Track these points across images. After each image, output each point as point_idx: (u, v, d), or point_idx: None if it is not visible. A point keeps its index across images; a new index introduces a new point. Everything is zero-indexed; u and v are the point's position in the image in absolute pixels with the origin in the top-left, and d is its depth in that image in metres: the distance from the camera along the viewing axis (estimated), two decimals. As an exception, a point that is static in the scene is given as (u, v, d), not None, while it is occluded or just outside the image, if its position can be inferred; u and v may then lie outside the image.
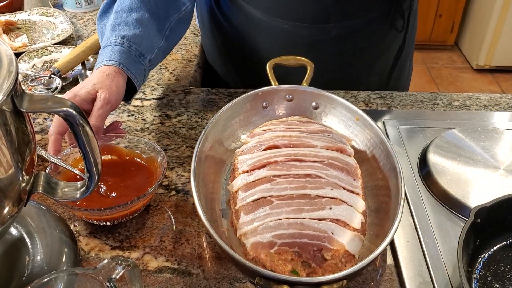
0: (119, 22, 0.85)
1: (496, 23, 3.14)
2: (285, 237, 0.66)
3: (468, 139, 0.86)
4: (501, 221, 0.69)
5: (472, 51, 3.45)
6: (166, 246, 0.71)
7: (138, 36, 0.84)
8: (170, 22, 0.92)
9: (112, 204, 0.71)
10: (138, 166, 0.79)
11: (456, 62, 3.55)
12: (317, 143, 0.80)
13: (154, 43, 0.88)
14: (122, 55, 0.81)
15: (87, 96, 0.77)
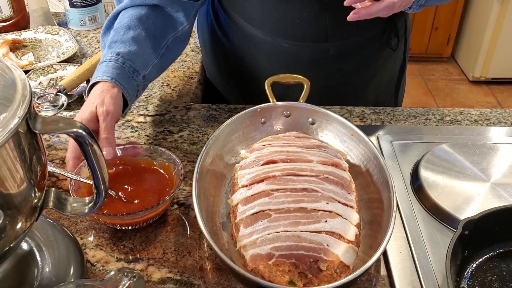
0: (116, 40, 0.89)
1: (491, 35, 3.19)
2: (282, 249, 0.69)
3: (458, 153, 0.90)
4: (488, 232, 0.72)
5: (468, 63, 3.50)
6: (169, 258, 0.74)
7: (132, 53, 0.88)
8: (167, 40, 0.95)
9: (136, 209, 0.75)
10: (154, 172, 0.84)
11: (453, 74, 3.59)
12: (313, 158, 0.84)
13: (149, 60, 0.92)
14: (115, 70, 0.85)
15: (92, 116, 0.81)
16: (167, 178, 0.83)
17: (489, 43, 3.22)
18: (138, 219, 0.76)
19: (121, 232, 0.78)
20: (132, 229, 0.78)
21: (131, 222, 0.77)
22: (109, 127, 0.80)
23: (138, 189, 0.81)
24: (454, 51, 3.71)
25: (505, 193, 0.82)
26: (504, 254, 0.73)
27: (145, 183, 0.82)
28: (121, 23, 0.91)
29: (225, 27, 1.13)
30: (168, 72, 1.20)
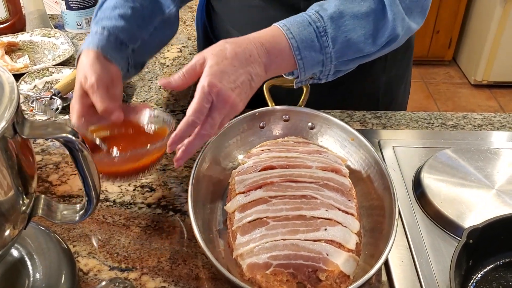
0: (102, 17, 0.86)
1: (493, 39, 3.17)
2: (280, 258, 0.67)
3: (462, 159, 0.87)
4: (494, 241, 0.70)
5: (470, 66, 3.48)
6: (164, 267, 0.72)
7: (118, 27, 0.85)
8: (154, 22, 0.93)
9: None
10: (148, 133, 0.83)
11: (454, 78, 3.57)
12: (312, 163, 0.82)
13: (137, 35, 0.89)
14: (101, 42, 0.82)
15: (82, 92, 0.78)
16: (162, 136, 0.80)
17: (491, 46, 3.21)
18: (129, 165, 0.76)
19: (115, 240, 0.76)
20: (125, 231, 0.76)
21: (122, 170, 0.76)
22: (100, 98, 0.76)
23: (130, 144, 0.79)
24: (456, 54, 3.69)
25: (511, 200, 0.80)
26: (510, 264, 0.71)
27: (138, 140, 0.80)
28: (108, 4, 0.89)
29: (219, 29, 1.12)
30: (165, 75, 1.18)
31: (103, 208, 0.81)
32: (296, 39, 0.77)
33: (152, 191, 0.84)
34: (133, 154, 0.75)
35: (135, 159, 0.76)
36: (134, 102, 1.08)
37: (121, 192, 0.84)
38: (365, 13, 0.81)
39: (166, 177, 0.87)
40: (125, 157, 0.75)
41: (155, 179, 0.87)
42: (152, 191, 0.84)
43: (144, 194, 0.84)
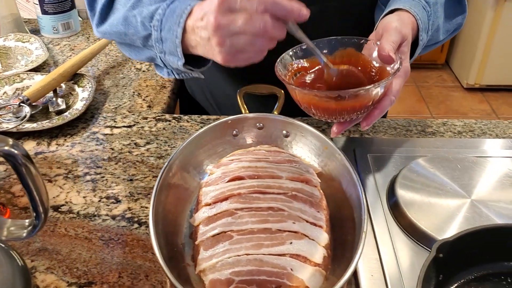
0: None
1: (485, 42, 3.16)
2: (243, 274, 0.65)
3: (438, 168, 0.85)
4: (465, 255, 0.67)
5: (463, 70, 3.46)
6: (124, 282, 0.69)
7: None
8: None
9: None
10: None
11: (447, 81, 3.56)
12: (282, 174, 0.79)
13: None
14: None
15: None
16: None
17: (483, 50, 3.19)
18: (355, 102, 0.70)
19: (75, 254, 0.73)
20: (87, 244, 0.73)
21: (340, 108, 0.71)
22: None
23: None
24: (449, 58, 3.67)
25: (487, 211, 0.78)
26: (482, 278, 0.68)
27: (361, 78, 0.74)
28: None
29: None
30: (140, 81, 1.15)
31: (66, 220, 0.79)
32: (421, 21, 0.79)
33: (117, 202, 0.82)
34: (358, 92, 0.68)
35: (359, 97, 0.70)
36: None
37: (86, 203, 0.82)
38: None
39: (133, 187, 0.85)
40: (352, 93, 0.68)
41: (121, 190, 0.84)
42: (118, 202, 0.82)
43: (109, 205, 0.81)
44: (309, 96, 0.73)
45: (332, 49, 0.78)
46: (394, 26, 0.74)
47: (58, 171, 0.88)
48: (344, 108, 0.72)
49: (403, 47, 0.75)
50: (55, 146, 0.94)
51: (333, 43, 0.78)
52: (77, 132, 0.98)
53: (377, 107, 0.73)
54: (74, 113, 0.99)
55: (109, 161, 0.90)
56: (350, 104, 0.70)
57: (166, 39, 0.75)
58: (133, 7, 0.80)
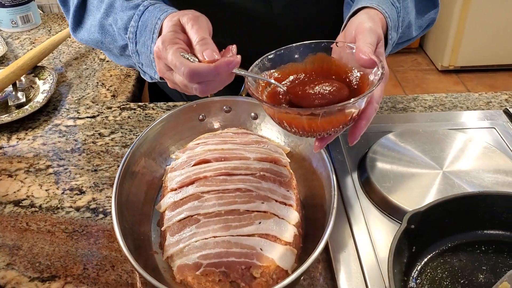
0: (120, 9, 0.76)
1: (458, 24, 3.17)
2: (211, 257, 0.62)
3: (408, 142, 0.84)
4: (437, 226, 0.66)
5: (437, 53, 3.47)
6: (90, 274, 0.66)
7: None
8: None
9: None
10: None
11: (422, 65, 3.57)
12: (250, 155, 0.77)
13: None
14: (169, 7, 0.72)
15: (176, 27, 0.64)
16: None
17: (455, 32, 3.21)
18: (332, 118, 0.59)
19: (37, 248, 0.70)
20: (50, 238, 0.70)
21: (315, 127, 0.60)
22: (201, 30, 0.63)
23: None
24: (422, 41, 3.68)
25: (460, 181, 0.77)
26: (456, 248, 0.67)
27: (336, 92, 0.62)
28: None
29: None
30: (104, 71, 1.12)
31: (27, 215, 0.75)
32: (390, 19, 0.73)
33: (81, 193, 0.79)
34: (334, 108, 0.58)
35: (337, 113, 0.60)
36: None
37: (48, 196, 0.78)
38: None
39: (98, 178, 0.82)
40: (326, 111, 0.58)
41: (85, 181, 0.81)
42: (82, 193, 0.79)
43: (73, 197, 0.78)
44: (286, 114, 0.62)
45: (301, 55, 0.69)
46: (368, 27, 0.67)
47: (19, 165, 0.85)
48: (327, 124, 0.61)
49: (379, 48, 0.69)
50: (15, 140, 0.91)
51: (301, 49, 0.69)
52: (39, 125, 0.94)
53: (362, 117, 0.64)
54: (35, 106, 0.96)
55: (73, 152, 0.87)
56: (334, 118, 0.61)
57: (141, 52, 0.73)
58: (107, 14, 0.77)
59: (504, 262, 0.65)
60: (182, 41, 0.62)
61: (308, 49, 0.68)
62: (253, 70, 0.65)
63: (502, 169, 0.79)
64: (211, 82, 0.61)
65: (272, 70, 0.67)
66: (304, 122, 0.60)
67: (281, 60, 0.67)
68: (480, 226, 0.68)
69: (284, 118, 0.62)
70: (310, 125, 0.61)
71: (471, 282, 0.63)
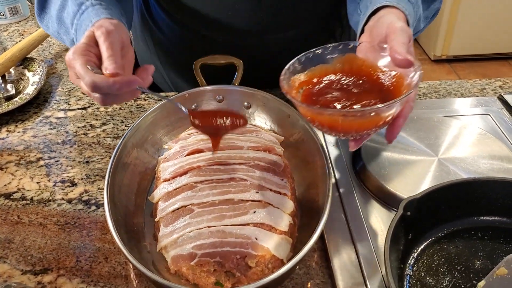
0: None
1: (450, 13, 3.16)
2: (205, 247, 0.62)
3: (403, 129, 0.82)
4: (434, 212, 0.66)
5: (429, 42, 3.47)
6: (83, 266, 0.65)
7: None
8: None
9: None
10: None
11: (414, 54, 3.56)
12: (244, 144, 0.76)
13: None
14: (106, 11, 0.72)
15: (89, 40, 0.65)
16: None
17: (448, 21, 3.20)
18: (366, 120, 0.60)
19: (29, 241, 0.69)
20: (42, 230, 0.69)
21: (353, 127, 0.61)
22: (111, 46, 0.63)
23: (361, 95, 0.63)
24: (414, 31, 3.68)
25: (455, 168, 0.76)
26: (452, 234, 0.67)
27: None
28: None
29: (156, 17, 1.04)
30: (95, 62, 1.10)
31: (18, 207, 0.74)
32: (410, 16, 0.72)
33: (73, 185, 0.78)
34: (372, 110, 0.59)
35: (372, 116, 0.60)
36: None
37: (39, 189, 0.77)
38: None
39: (90, 169, 0.81)
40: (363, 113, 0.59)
41: (77, 173, 0.80)
42: (74, 185, 0.78)
43: (64, 189, 0.77)
44: (328, 116, 0.62)
45: (330, 56, 0.69)
46: (399, 26, 0.65)
47: (9, 158, 0.83)
48: (368, 123, 0.62)
49: (410, 47, 0.67)
50: (5, 133, 0.89)
51: (330, 50, 0.68)
52: (29, 117, 0.93)
53: (400, 115, 0.64)
54: (25, 98, 0.94)
55: (64, 144, 0.86)
56: (375, 118, 0.61)
57: None
58: (63, 6, 0.78)
59: (501, 248, 0.65)
60: (93, 53, 0.64)
61: (335, 51, 0.68)
62: (286, 74, 0.65)
63: (498, 155, 0.78)
64: (111, 95, 0.62)
65: (303, 73, 0.67)
66: (345, 123, 0.61)
67: (310, 62, 0.68)
68: (476, 212, 0.68)
69: (324, 120, 0.62)
70: (351, 126, 0.62)
71: (467, 269, 0.62)
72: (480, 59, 3.38)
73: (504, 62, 3.36)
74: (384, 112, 0.60)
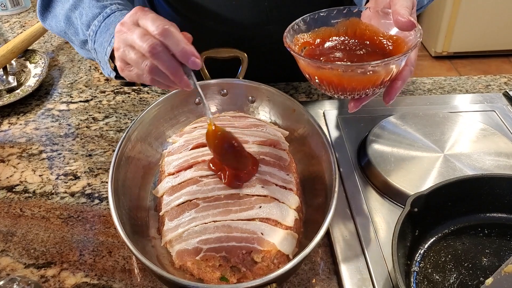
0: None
1: (451, 10, 3.15)
2: (211, 241, 0.61)
3: (409, 125, 0.83)
4: (441, 208, 0.65)
5: (430, 38, 3.46)
6: (86, 260, 0.65)
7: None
8: None
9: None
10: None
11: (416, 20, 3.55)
12: (249, 138, 0.76)
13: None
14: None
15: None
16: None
17: (449, 18, 3.19)
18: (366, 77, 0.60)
19: (32, 234, 0.68)
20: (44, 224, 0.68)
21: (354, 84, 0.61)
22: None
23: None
24: (415, 27, 3.67)
25: (460, 164, 0.76)
26: (459, 231, 0.66)
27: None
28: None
29: (158, 7, 1.03)
30: (97, 55, 1.09)
31: (21, 200, 0.74)
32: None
33: (76, 179, 0.77)
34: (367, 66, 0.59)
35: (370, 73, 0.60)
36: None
37: (42, 182, 0.77)
38: None
39: (93, 163, 0.80)
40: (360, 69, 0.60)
41: (80, 166, 0.79)
42: (77, 179, 0.77)
43: (67, 182, 0.76)
44: (328, 70, 0.62)
45: (335, 19, 0.70)
46: None
47: (11, 150, 0.83)
48: (366, 81, 0.62)
49: (413, 13, 0.67)
50: (7, 125, 0.88)
51: (334, 13, 0.70)
52: (31, 109, 0.92)
53: (399, 78, 0.65)
54: (26, 90, 0.93)
55: (66, 137, 0.85)
56: (373, 76, 0.61)
57: (98, 51, 0.74)
58: (75, 7, 0.78)
59: (507, 245, 0.64)
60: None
61: (340, 14, 0.70)
62: (290, 31, 0.67)
63: (504, 152, 0.78)
64: (165, 62, 0.60)
65: (307, 33, 0.69)
66: (344, 79, 0.61)
67: (315, 23, 0.69)
68: (483, 209, 0.67)
69: (324, 75, 0.63)
70: (350, 83, 0.62)
71: (474, 265, 0.62)
72: (481, 56, 3.37)
73: (505, 59, 3.36)
74: (382, 70, 0.60)
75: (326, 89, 0.65)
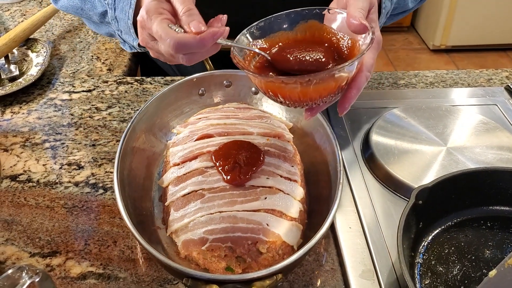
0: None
1: (450, 3, 3.15)
2: (217, 232, 0.61)
3: (412, 118, 0.83)
4: (445, 201, 0.66)
5: (428, 32, 3.46)
6: (91, 250, 0.65)
7: None
8: None
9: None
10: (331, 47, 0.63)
11: (413, 44, 3.55)
12: (253, 130, 0.76)
13: None
14: None
15: (156, 4, 0.59)
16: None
17: (447, 11, 3.19)
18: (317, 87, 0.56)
19: (37, 223, 0.68)
20: (49, 213, 0.68)
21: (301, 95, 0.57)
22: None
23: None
24: (414, 20, 3.67)
25: (463, 157, 0.76)
26: (462, 223, 0.67)
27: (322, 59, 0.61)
28: None
29: None
30: (99, 44, 1.09)
31: (25, 189, 0.74)
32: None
33: (80, 168, 0.77)
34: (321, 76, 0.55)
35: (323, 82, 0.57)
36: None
37: (46, 171, 0.77)
38: None
39: (96, 152, 0.80)
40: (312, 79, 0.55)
41: (83, 156, 0.79)
42: (80, 168, 0.77)
43: (71, 172, 0.76)
44: (272, 83, 0.59)
45: (292, 23, 0.66)
46: None
47: (14, 139, 0.83)
48: (316, 92, 0.58)
49: (371, 14, 0.65)
50: (9, 114, 0.88)
51: (292, 17, 0.65)
52: (33, 99, 0.92)
53: (353, 86, 0.61)
54: (29, 79, 0.93)
55: (69, 127, 0.85)
56: (322, 86, 0.57)
57: (120, 18, 0.71)
58: None
59: (510, 238, 0.65)
60: (167, 10, 0.60)
61: (299, 17, 0.65)
62: (241, 39, 0.62)
63: (506, 146, 0.78)
64: (197, 52, 0.58)
65: (261, 39, 0.64)
66: (292, 91, 0.58)
67: (271, 28, 0.64)
68: (486, 202, 0.68)
69: (271, 88, 0.59)
70: (298, 94, 0.58)
71: (477, 258, 0.62)
72: (479, 50, 3.38)
73: (503, 53, 3.36)
74: (337, 75, 0.56)
75: (281, 101, 0.61)
